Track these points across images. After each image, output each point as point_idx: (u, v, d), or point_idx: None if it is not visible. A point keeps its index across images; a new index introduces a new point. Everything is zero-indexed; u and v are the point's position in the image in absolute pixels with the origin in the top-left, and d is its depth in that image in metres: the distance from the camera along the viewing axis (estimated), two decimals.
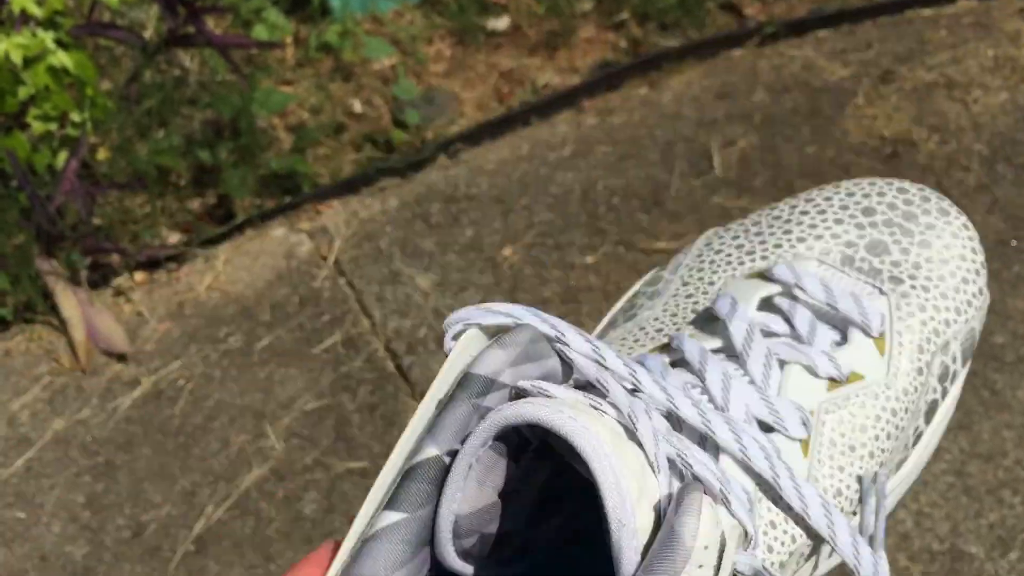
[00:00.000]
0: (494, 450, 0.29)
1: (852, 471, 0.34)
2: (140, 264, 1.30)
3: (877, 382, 0.34)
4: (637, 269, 1.28)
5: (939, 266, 0.37)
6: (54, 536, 1.05)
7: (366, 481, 1.08)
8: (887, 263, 0.37)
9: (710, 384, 0.32)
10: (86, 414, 1.16)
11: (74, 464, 1.12)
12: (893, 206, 0.38)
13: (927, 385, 0.37)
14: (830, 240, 0.38)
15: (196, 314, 1.27)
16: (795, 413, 0.32)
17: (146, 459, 1.12)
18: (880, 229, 0.38)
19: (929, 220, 0.38)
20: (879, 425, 0.34)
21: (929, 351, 0.36)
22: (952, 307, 0.37)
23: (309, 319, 1.26)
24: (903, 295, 0.36)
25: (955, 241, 0.38)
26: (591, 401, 0.29)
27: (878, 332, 0.35)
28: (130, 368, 1.21)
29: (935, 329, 0.37)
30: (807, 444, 0.33)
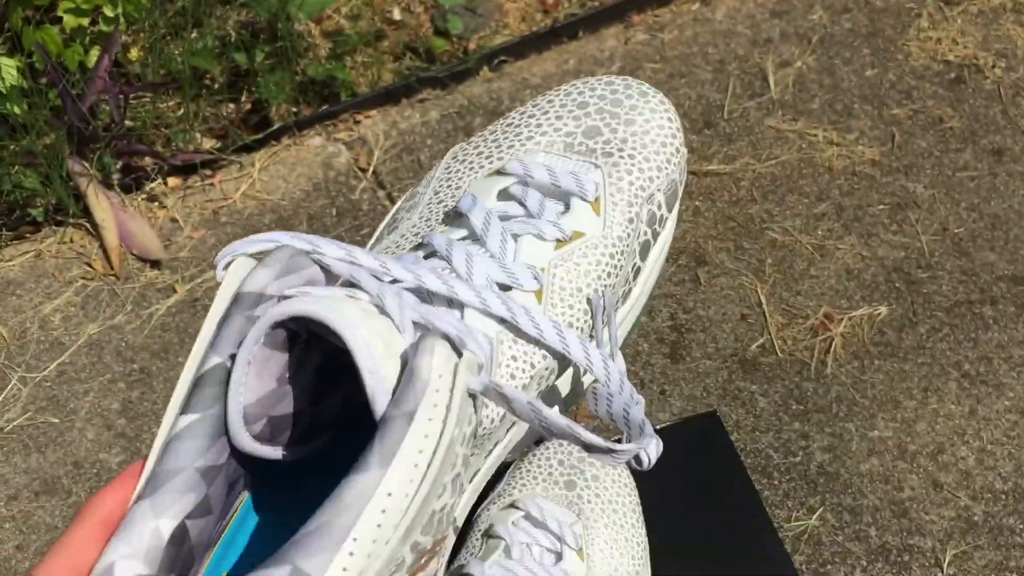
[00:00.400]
0: (267, 345, 0.34)
1: (581, 306, 0.42)
2: (173, 169, 1.26)
3: (595, 235, 0.43)
4: (688, 191, 1.23)
5: (641, 136, 0.46)
6: (88, 442, 1.03)
7: None
8: (600, 142, 0.45)
9: (456, 264, 0.39)
10: (120, 320, 1.13)
11: (108, 370, 1.09)
12: (603, 96, 0.47)
13: (638, 230, 0.45)
14: (552, 134, 0.46)
15: (231, 222, 1.23)
16: (527, 271, 0.40)
17: (182, 367, 1.09)
18: (593, 117, 0.46)
19: (632, 103, 0.46)
20: (600, 267, 0.43)
21: (637, 203, 0.45)
22: (654, 166, 0.46)
23: (347, 232, 1.22)
24: (614, 164, 0.45)
25: (653, 115, 0.46)
26: (346, 292, 0.34)
27: (593, 197, 0.43)
28: (164, 275, 1.17)
29: (641, 186, 0.45)
30: (541, 293, 0.41)
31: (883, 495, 0.96)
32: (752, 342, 1.08)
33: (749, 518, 0.73)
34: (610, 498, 0.66)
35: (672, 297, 1.13)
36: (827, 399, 1.03)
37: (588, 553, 0.62)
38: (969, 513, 0.94)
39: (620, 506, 0.66)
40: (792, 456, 0.99)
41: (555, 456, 0.67)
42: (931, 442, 0.99)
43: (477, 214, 0.41)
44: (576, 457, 0.67)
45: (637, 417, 0.39)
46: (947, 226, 1.18)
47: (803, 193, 1.22)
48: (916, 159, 1.24)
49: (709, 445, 0.78)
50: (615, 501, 0.66)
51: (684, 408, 1.02)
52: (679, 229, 1.19)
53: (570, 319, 0.42)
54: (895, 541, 0.93)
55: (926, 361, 1.06)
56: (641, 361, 1.07)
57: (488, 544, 0.61)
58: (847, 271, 1.14)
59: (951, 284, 1.12)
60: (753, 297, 1.12)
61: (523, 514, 0.63)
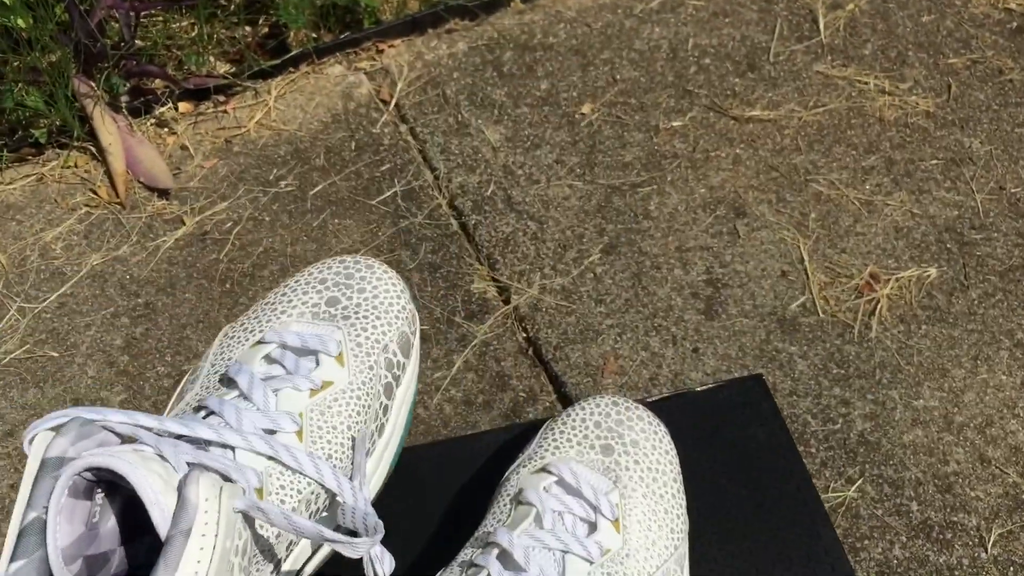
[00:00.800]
0: (72, 495, 0.41)
1: (339, 440, 0.52)
2: (185, 93, 1.19)
3: (342, 383, 0.53)
4: (728, 137, 1.16)
5: (371, 299, 0.57)
6: (88, 379, 0.98)
7: (425, 345, 0.99)
8: (339, 308, 0.57)
9: (227, 417, 0.48)
10: (125, 251, 1.08)
11: (111, 303, 1.04)
12: (338, 272, 0.59)
13: (378, 375, 0.56)
14: (301, 306, 0.57)
15: (245, 152, 1.16)
16: (287, 417, 0.49)
17: (189, 304, 1.03)
18: (331, 289, 0.58)
19: (361, 274, 0.59)
20: (349, 407, 0.53)
21: (374, 353, 0.56)
22: (384, 322, 0.57)
23: (367, 167, 1.15)
24: (351, 325, 0.56)
25: (380, 283, 0.59)
26: (131, 447, 0.42)
27: (336, 352, 0.54)
28: (172, 205, 1.11)
29: (376, 339, 0.56)
30: (301, 432, 0.50)
31: (926, 468, 0.90)
32: (792, 301, 1.02)
33: (794, 490, 0.68)
34: (650, 465, 0.60)
35: (708, 250, 1.06)
36: (870, 364, 0.97)
37: (624, 524, 0.57)
38: (1017, 491, 0.89)
39: (660, 474, 0.60)
40: (831, 423, 0.93)
41: (591, 417, 0.61)
42: (979, 414, 0.94)
43: (243, 377, 0.51)
44: (614, 419, 0.61)
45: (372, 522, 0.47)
46: (1004, 185, 1.11)
47: (851, 144, 1.15)
48: (973, 112, 1.17)
49: (753, 410, 0.72)
50: (655, 469, 0.60)
51: (717, 368, 0.96)
52: (718, 177, 1.12)
53: (330, 452, 0.51)
54: (937, 517, 0.88)
55: (977, 328, 1.00)
56: (674, 316, 1.01)
57: (518, 510, 0.56)
58: (896, 229, 1.07)
59: (1006, 247, 1.06)
60: (795, 253, 1.06)
61: (555, 479, 0.57)
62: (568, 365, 0.97)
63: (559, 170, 1.14)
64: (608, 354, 0.98)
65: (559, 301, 1.02)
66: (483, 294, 1.03)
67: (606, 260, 1.06)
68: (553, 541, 0.53)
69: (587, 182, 1.12)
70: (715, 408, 0.72)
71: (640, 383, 0.96)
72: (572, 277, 1.04)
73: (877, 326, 1.00)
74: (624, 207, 1.10)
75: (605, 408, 0.61)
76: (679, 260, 1.05)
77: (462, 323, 1.01)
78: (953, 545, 0.86)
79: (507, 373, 0.97)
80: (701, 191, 1.11)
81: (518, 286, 1.03)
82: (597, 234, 1.08)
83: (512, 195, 1.12)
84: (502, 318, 1.01)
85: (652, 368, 0.97)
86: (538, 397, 0.96)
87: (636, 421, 0.61)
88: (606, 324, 1.00)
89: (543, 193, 1.12)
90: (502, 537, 0.52)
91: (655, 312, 1.01)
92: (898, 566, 0.85)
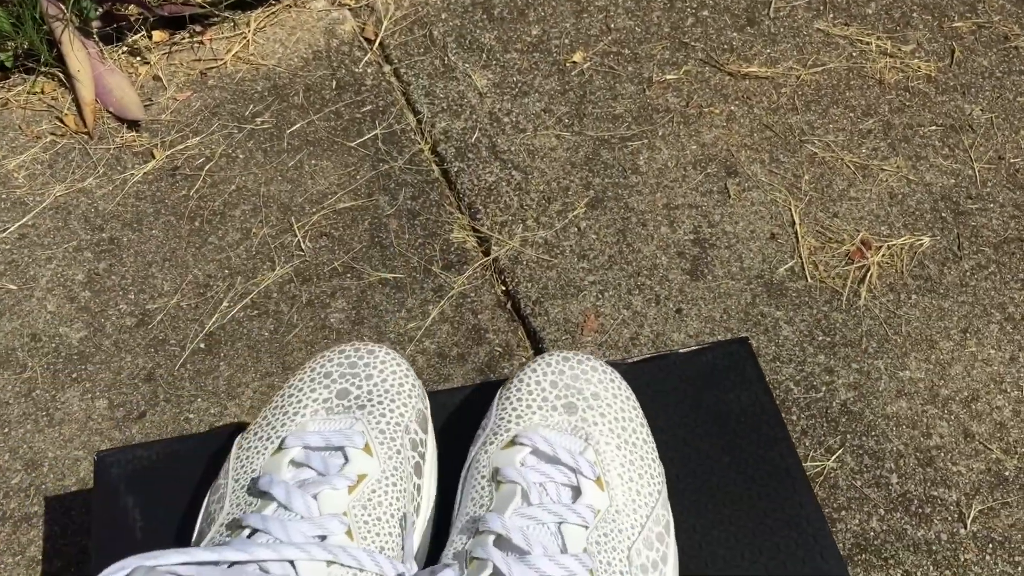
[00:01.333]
0: None
1: (386, 531, 0.52)
2: (160, 21, 1.14)
3: (375, 472, 0.53)
4: (723, 93, 1.12)
5: (381, 384, 0.57)
6: (48, 314, 0.94)
7: (399, 294, 0.96)
8: (352, 399, 0.56)
9: (275, 532, 0.49)
10: (91, 183, 1.03)
11: (75, 237, 0.99)
12: (340, 363, 0.58)
13: (406, 456, 0.55)
14: (312, 404, 0.56)
15: (221, 86, 1.12)
16: (333, 520, 0.50)
17: (156, 241, 0.99)
18: (338, 382, 0.57)
19: (365, 361, 0.58)
20: (388, 496, 0.53)
21: (398, 437, 0.55)
22: (399, 404, 0.57)
23: (348, 108, 1.11)
24: (369, 413, 0.56)
25: (385, 367, 0.58)
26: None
27: (363, 444, 0.54)
28: (142, 138, 1.07)
29: (396, 423, 0.56)
30: (350, 531, 0.51)
31: (909, 440, 0.88)
32: (781, 264, 0.99)
33: (777, 457, 0.65)
34: (616, 415, 0.57)
35: (697, 208, 1.03)
36: (857, 333, 0.94)
37: (607, 481, 0.54)
38: (1000, 467, 0.87)
39: (628, 422, 0.57)
40: (814, 391, 0.91)
41: (546, 378, 0.58)
42: (966, 388, 0.91)
43: (278, 488, 0.51)
44: (569, 376, 0.58)
45: None
46: (1003, 154, 1.08)
47: (849, 106, 1.11)
48: (975, 79, 1.14)
49: (737, 374, 0.69)
50: (622, 418, 0.57)
51: (701, 330, 0.94)
52: (711, 134, 1.09)
53: (381, 544, 0.52)
54: (917, 491, 0.86)
55: (968, 300, 0.97)
56: (658, 275, 0.98)
57: (500, 491, 0.53)
58: (890, 195, 1.04)
59: (1002, 218, 1.03)
60: (786, 215, 1.02)
61: (529, 450, 0.54)
62: (547, 321, 0.94)
63: (547, 119, 1.10)
64: (589, 311, 0.95)
65: (541, 254, 0.99)
66: (462, 244, 1.00)
67: (591, 214, 1.02)
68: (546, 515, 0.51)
69: (575, 133, 1.08)
70: (698, 371, 0.70)
71: (620, 342, 0.93)
72: (555, 230, 1.01)
73: (866, 294, 0.97)
74: (612, 161, 1.06)
75: (557, 366, 0.58)
76: (666, 218, 1.02)
77: (439, 273, 0.98)
78: (932, 520, 0.84)
79: (483, 326, 0.94)
80: (692, 148, 1.08)
81: (499, 237, 1.00)
82: (583, 187, 1.04)
83: (497, 143, 1.08)
84: (481, 270, 0.98)
85: (633, 327, 0.94)
86: (514, 352, 0.93)
87: (591, 373, 0.58)
88: (588, 280, 0.97)
89: (529, 143, 1.08)
90: (494, 523, 0.50)
91: (639, 270, 0.98)
92: (875, 538, 0.83)
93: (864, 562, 0.82)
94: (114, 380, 0.91)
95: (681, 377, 0.70)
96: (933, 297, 0.97)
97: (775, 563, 0.62)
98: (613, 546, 0.52)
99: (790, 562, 0.62)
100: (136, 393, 0.90)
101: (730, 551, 0.62)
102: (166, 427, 0.88)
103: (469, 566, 0.48)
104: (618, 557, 0.52)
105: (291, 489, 0.51)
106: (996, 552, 0.82)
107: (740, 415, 0.68)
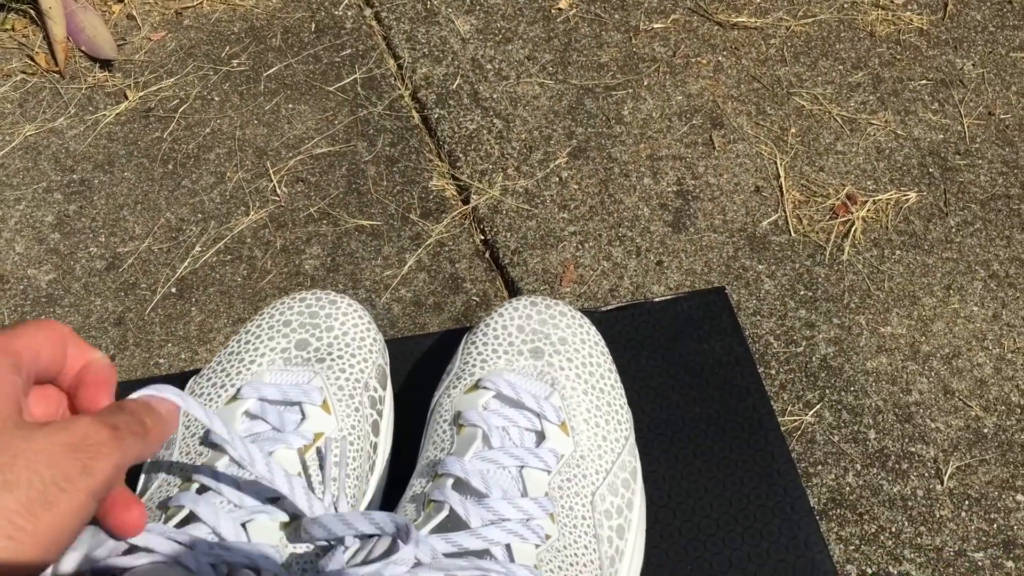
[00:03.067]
0: None
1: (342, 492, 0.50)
2: None
3: (332, 431, 0.51)
4: (711, 44, 1.10)
5: (342, 337, 0.55)
6: (15, 256, 0.92)
7: (376, 242, 0.94)
8: (311, 351, 0.54)
9: (225, 491, 0.46)
10: (62, 123, 1.01)
11: (44, 178, 0.97)
12: (301, 312, 0.55)
13: (364, 414, 0.53)
14: (270, 353, 0.53)
15: (196, 27, 1.09)
16: (280, 472, 0.46)
17: (127, 184, 0.97)
18: (298, 331, 0.55)
19: (326, 312, 0.56)
20: (346, 456, 0.51)
21: (357, 394, 0.53)
22: (360, 359, 0.55)
23: (327, 51, 1.08)
24: (328, 368, 0.53)
25: (347, 318, 0.55)
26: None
27: (321, 400, 0.51)
28: (115, 78, 1.04)
29: (356, 379, 0.54)
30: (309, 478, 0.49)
31: (888, 396, 0.87)
32: (764, 218, 0.97)
33: (750, 409, 0.64)
34: (583, 360, 0.56)
35: (681, 160, 1.01)
36: (839, 288, 0.93)
37: (572, 426, 0.53)
38: (979, 424, 0.86)
39: (596, 367, 0.56)
40: (794, 346, 0.89)
41: (512, 322, 0.56)
42: (947, 344, 0.90)
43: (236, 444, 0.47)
44: (536, 320, 0.56)
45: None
46: (993, 111, 1.06)
47: (839, 59, 1.09)
48: (968, 33, 1.11)
49: (712, 324, 0.68)
50: (589, 363, 0.56)
51: (681, 283, 0.92)
52: (697, 85, 1.07)
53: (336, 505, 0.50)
54: (895, 447, 0.85)
55: (952, 256, 0.96)
56: (640, 227, 0.96)
57: (461, 434, 0.51)
58: (877, 149, 1.02)
59: (990, 175, 1.01)
60: (771, 168, 1.01)
61: (493, 394, 0.53)
62: (526, 271, 0.93)
63: (530, 67, 1.07)
64: (568, 262, 0.94)
65: (521, 204, 0.97)
66: (441, 192, 0.98)
67: (573, 164, 1.00)
68: (506, 459, 0.49)
69: (559, 81, 1.06)
70: (673, 320, 0.68)
71: (599, 294, 0.92)
72: (536, 180, 0.99)
73: (850, 249, 0.96)
74: (596, 110, 1.04)
75: (524, 310, 0.56)
76: (650, 169, 1.00)
77: (417, 221, 0.96)
78: (909, 476, 0.84)
79: (461, 276, 0.93)
80: (678, 98, 1.06)
81: (479, 186, 0.98)
82: (566, 137, 1.02)
83: (479, 90, 1.05)
84: (459, 218, 0.96)
85: (613, 279, 0.92)
86: (491, 302, 0.91)
87: (559, 317, 0.56)
88: (568, 231, 0.96)
89: (512, 90, 1.06)
90: (453, 466, 0.48)
91: (620, 221, 0.96)
92: (850, 493, 0.82)
93: (839, 517, 0.81)
94: (83, 323, 0.89)
95: (656, 326, 0.68)
96: (917, 253, 0.96)
97: (744, 515, 0.61)
98: (576, 491, 0.51)
99: (759, 514, 0.61)
100: (105, 337, 0.89)
101: (699, 502, 0.61)
102: (135, 371, 0.87)
103: (426, 508, 0.47)
104: (581, 502, 0.51)
105: (246, 446, 0.47)
106: (972, 509, 0.82)
107: (714, 365, 0.67)
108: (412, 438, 0.58)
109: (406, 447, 0.58)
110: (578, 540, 0.50)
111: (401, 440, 0.59)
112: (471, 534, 0.45)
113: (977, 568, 0.78)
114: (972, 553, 0.79)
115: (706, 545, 0.59)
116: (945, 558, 0.78)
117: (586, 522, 0.51)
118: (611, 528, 0.53)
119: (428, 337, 0.66)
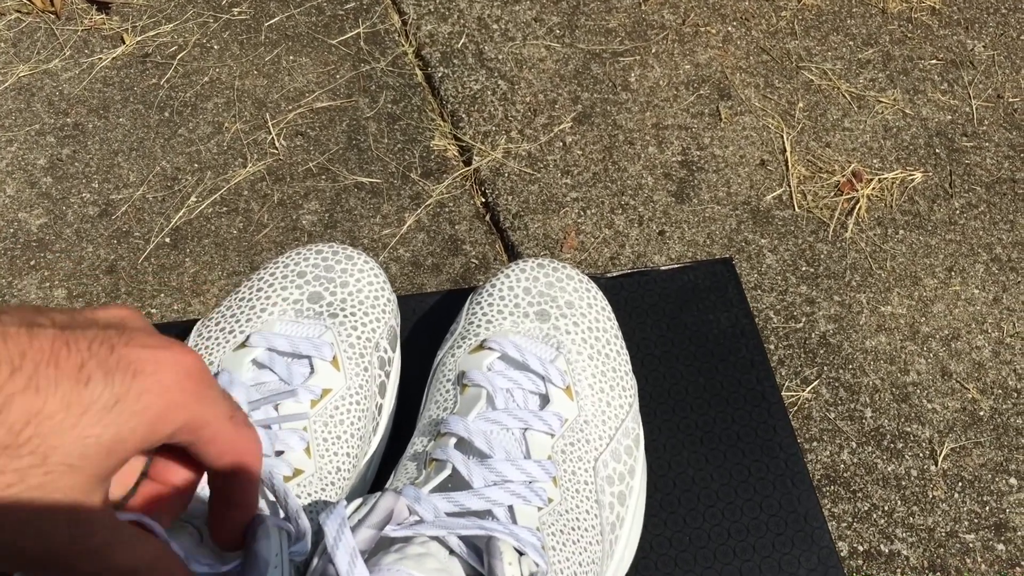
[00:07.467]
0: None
1: (344, 451, 0.50)
2: None
3: (340, 388, 0.50)
4: (722, 13, 1.08)
5: (356, 295, 0.53)
6: (6, 198, 0.90)
7: (375, 200, 0.93)
8: (324, 305, 0.53)
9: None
10: (56, 65, 0.98)
11: (37, 120, 0.95)
12: (316, 264, 0.54)
13: (373, 375, 0.52)
14: (282, 303, 0.52)
15: None
16: (293, 435, 0.47)
17: (123, 130, 0.95)
18: (312, 284, 0.53)
19: (342, 267, 0.54)
20: (351, 415, 0.50)
21: (368, 353, 0.52)
22: (373, 319, 0.53)
23: (330, 3, 1.06)
24: (340, 324, 0.52)
25: (363, 275, 0.54)
26: None
27: (331, 357, 0.50)
28: (112, 21, 1.02)
29: (368, 338, 0.53)
30: (309, 449, 0.48)
31: (886, 376, 0.87)
32: (768, 192, 0.96)
33: (753, 381, 0.63)
34: (589, 325, 0.55)
35: (687, 130, 1.00)
36: (841, 265, 0.92)
37: (576, 391, 0.52)
38: (975, 407, 0.86)
39: (602, 332, 0.55)
40: (794, 321, 0.89)
41: (519, 284, 0.55)
42: (947, 326, 0.90)
43: (238, 391, 0.47)
44: (543, 283, 0.55)
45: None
46: (1002, 93, 1.05)
47: (849, 34, 1.08)
48: (980, 14, 1.10)
49: (718, 295, 0.67)
50: (595, 328, 0.55)
51: (683, 254, 0.91)
52: (706, 55, 1.05)
53: (338, 465, 0.49)
54: (891, 426, 0.85)
55: (955, 238, 0.95)
56: (643, 196, 0.95)
57: (465, 394, 0.50)
58: (885, 128, 1.01)
59: (996, 158, 1.01)
60: (777, 142, 0.99)
61: (498, 355, 0.52)
62: (526, 235, 0.91)
63: (537, 29, 1.05)
64: (570, 228, 0.92)
65: (523, 168, 0.96)
66: (443, 152, 0.96)
67: (578, 130, 0.99)
68: (510, 421, 0.48)
69: (566, 45, 1.04)
70: (679, 290, 0.67)
71: (600, 261, 0.91)
72: (540, 144, 0.97)
73: (853, 226, 0.95)
74: (603, 76, 1.02)
75: (532, 272, 0.55)
76: (655, 138, 0.99)
77: (418, 180, 0.94)
78: (903, 455, 0.83)
79: (460, 237, 0.91)
80: (686, 67, 1.04)
81: (481, 147, 0.96)
82: (571, 101, 1.01)
83: (484, 50, 1.03)
84: (461, 179, 0.95)
85: (614, 247, 0.91)
86: (491, 265, 0.90)
87: (567, 281, 0.55)
88: (570, 197, 0.94)
89: (518, 52, 1.04)
90: (456, 425, 0.47)
91: (623, 189, 0.95)
92: (844, 471, 0.82)
93: (832, 493, 0.81)
94: (74, 270, 0.88)
95: (661, 294, 0.67)
96: (921, 233, 0.95)
97: (745, 486, 0.60)
98: (579, 456, 0.50)
99: (759, 486, 0.61)
100: (96, 284, 0.87)
101: (699, 472, 0.61)
102: None
103: (428, 467, 0.46)
104: (583, 467, 0.50)
105: (250, 391, 0.47)
106: (965, 491, 0.82)
107: (719, 336, 0.66)
108: (410, 396, 0.57)
109: (404, 404, 0.57)
110: (580, 505, 0.49)
111: (399, 396, 0.58)
112: (474, 494, 0.44)
113: (968, 549, 0.78)
114: (964, 534, 0.79)
115: (705, 515, 0.59)
116: (937, 538, 0.78)
117: (588, 487, 0.50)
118: (613, 494, 0.52)
119: (430, 296, 0.65)
